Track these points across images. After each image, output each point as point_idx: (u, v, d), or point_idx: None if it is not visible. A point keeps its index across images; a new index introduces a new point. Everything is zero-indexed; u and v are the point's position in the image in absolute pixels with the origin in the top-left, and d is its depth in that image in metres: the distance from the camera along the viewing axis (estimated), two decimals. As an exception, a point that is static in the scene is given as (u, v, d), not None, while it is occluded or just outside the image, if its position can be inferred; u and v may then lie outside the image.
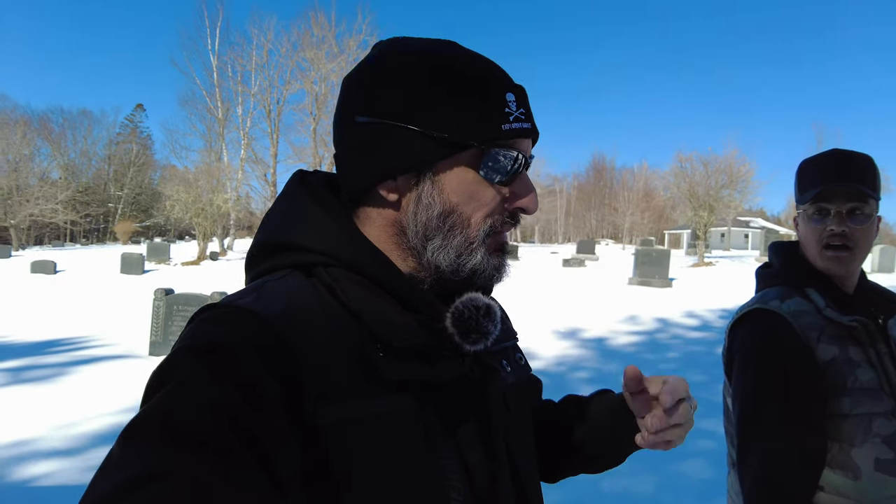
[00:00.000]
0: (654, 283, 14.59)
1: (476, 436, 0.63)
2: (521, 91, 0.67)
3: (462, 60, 0.65)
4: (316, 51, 37.94)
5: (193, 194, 24.25)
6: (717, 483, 3.69)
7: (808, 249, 1.30)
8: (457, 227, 0.65)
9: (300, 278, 0.63)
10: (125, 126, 66.91)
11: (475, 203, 0.65)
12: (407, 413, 0.57)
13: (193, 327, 0.57)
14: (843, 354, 1.18)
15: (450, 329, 0.64)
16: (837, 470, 1.16)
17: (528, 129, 0.66)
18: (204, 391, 0.48)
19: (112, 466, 0.43)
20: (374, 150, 0.64)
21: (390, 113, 0.63)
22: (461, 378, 0.62)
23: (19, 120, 46.92)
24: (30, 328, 8.96)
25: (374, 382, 0.56)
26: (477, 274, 0.66)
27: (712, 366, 6.79)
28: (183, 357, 0.52)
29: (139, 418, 0.47)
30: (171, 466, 0.42)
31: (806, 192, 1.27)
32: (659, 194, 56.86)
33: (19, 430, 4.41)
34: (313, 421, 0.52)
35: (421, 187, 0.65)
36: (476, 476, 0.61)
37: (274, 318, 0.55)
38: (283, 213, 0.69)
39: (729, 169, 23.82)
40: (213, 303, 0.59)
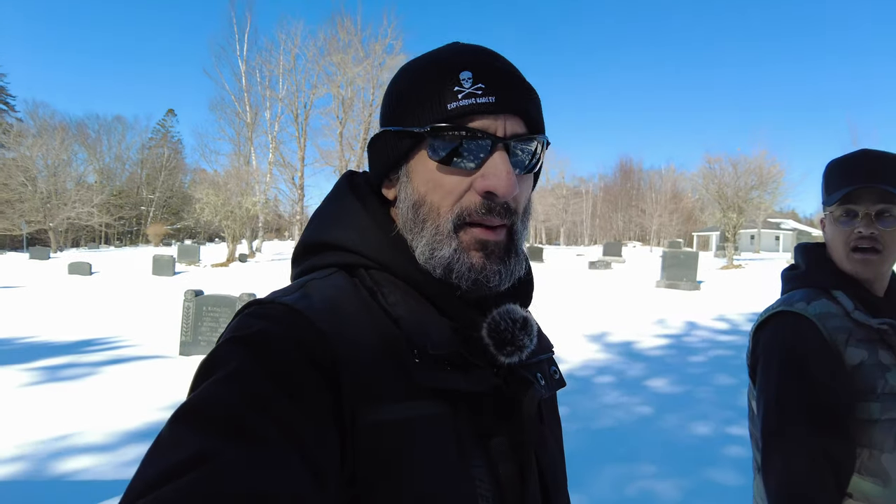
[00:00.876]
0: (681, 285, 14.35)
1: (507, 447, 0.62)
2: (487, 67, 0.63)
3: (432, 56, 0.67)
4: (342, 55, 38.30)
5: (223, 197, 24.66)
6: (745, 489, 3.62)
7: (835, 252, 1.28)
8: (428, 219, 0.64)
9: (343, 279, 0.65)
10: (157, 131, 68.65)
11: (440, 190, 0.63)
12: (441, 419, 0.58)
13: (239, 320, 0.58)
14: (872, 358, 1.16)
15: (485, 339, 0.64)
16: (867, 476, 1.14)
17: (486, 104, 0.60)
18: (249, 382, 0.50)
19: (160, 450, 0.45)
20: (370, 156, 0.70)
21: (382, 123, 0.69)
22: (494, 389, 0.61)
23: (58, 126, 48.50)
24: (67, 328, 9.24)
25: (410, 387, 0.57)
26: (453, 272, 0.62)
27: (741, 370, 6.64)
28: (229, 349, 0.54)
29: (187, 405, 0.49)
30: (216, 452, 0.43)
31: (833, 193, 1.25)
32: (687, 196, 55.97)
33: (59, 426, 4.55)
34: (351, 420, 0.53)
35: (401, 182, 0.67)
36: (506, 488, 0.61)
37: (317, 316, 0.57)
38: (329, 214, 0.72)
39: (759, 170, 23.29)
40: (259, 298, 0.61)
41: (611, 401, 5.50)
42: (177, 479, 0.41)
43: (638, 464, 4.01)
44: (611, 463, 3.96)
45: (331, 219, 0.71)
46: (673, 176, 65.81)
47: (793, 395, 1.17)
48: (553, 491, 0.69)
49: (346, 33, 38.99)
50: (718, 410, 5.22)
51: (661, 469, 3.94)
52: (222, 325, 7.31)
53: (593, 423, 4.81)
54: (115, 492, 3.43)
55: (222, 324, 7.32)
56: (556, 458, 0.74)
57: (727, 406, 5.35)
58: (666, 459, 4.09)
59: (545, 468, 0.68)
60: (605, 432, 4.62)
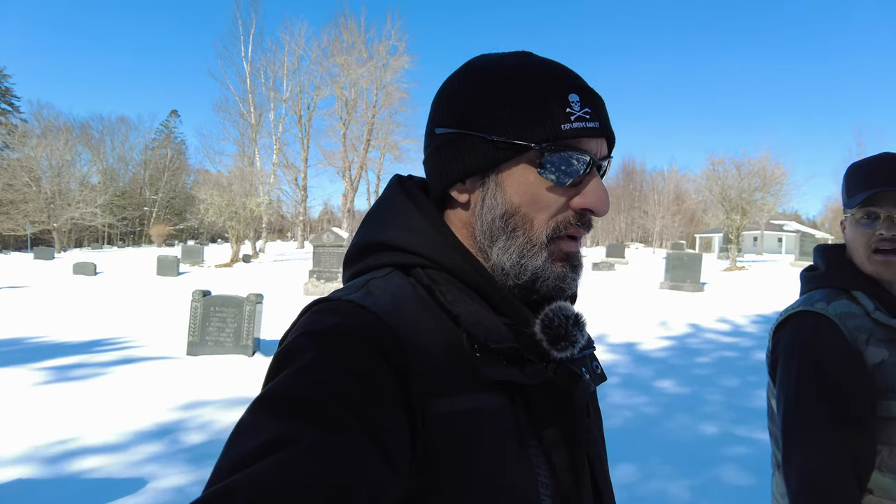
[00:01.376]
0: (685, 287, 14.35)
1: (560, 439, 0.65)
2: (588, 91, 0.67)
3: (527, 66, 0.67)
4: (346, 56, 38.37)
5: (227, 198, 24.71)
6: (753, 489, 3.63)
7: (856, 253, 1.30)
8: (519, 229, 0.66)
9: (401, 278, 0.67)
10: (160, 132, 68.80)
11: (537, 205, 0.66)
12: (501, 410, 0.60)
13: (309, 317, 0.61)
14: (892, 357, 1.17)
15: (538, 335, 0.66)
16: (887, 473, 1.15)
17: (592, 129, 0.65)
18: (326, 373, 0.52)
19: (243, 435, 0.48)
20: (444, 155, 0.69)
21: (458, 122, 0.68)
22: (547, 382, 0.64)
23: (62, 127, 48.70)
24: (73, 328, 9.28)
25: (472, 380, 0.60)
26: (539, 279, 0.67)
27: (746, 371, 6.67)
28: (304, 342, 0.56)
29: (267, 393, 0.51)
30: (298, 436, 0.46)
31: (854, 196, 1.27)
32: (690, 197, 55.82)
33: (69, 426, 4.58)
34: (421, 411, 0.56)
35: (486, 189, 0.68)
36: (561, 477, 0.63)
37: (383, 312, 0.59)
38: (383, 215, 0.73)
39: (762, 172, 23.26)
40: (324, 297, 0.63)
41: (618, 401, 5.52)
42: (262, 460, 0.44)
43: (647, 464, 4.03)
44: (620, 463, 3.98)
45: (385, 220, 0.72)
46: (676, 178, 65.71)
47: (813, 393, 1.18)
48: (601, 480, 0.72)
49: (350, 35, 39.11)
50: (725, 411, 5.24)
51: (670, 469, 3.95)
52: (229, 325, 7.33)
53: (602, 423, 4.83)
54: (126, 491, 3.46)
55: (229, 324, 7.34)
56: (601, 449, 0.77)
57: (733, 407, 5.36)
58: (674, 459, 4.10)
59: (593, 459, 0.71)
60: (612, 432, 4.63)
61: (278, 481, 0.42)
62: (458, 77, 0.71)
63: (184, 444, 4.29)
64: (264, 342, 7.67)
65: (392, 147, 41.64)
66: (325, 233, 15.50)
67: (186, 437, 4.41)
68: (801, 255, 21.95)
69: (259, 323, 7.49)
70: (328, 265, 14.99)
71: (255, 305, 7.36)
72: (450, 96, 0.70)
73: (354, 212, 40.37)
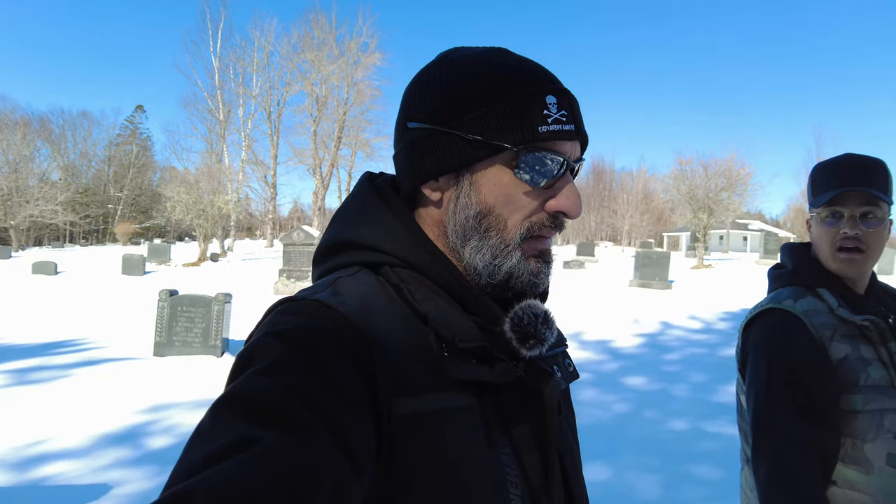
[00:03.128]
0: (654, 284, 14.62)
1: (531, 437, 0.64)
2: (565, 94, 0.67)
3: (505, 66, 0.67)
4: (317, 52, 38.01)
5: (194, 196, 24.22)
6: (723, 483, 3.72)
7: (822, 251, 1.34)
8: (492, 229, 0.66)
9: (369, 276, 0.66)
10: (125, 127, 66.88)
11: (512, 205, 0.66)
12: (470, 409, 0.60)
13: (273, 317, 0.60)
14: (855, 353, 1.21)
15: (508, 334, 0.66)
16: (850, 465, 1.19)
17: (568, 132, 0.65)
18: (288, 373, 0.51)
19: (203, 437, 0.47)
20: (417, 151, 0.68)
21: (434, 118, 0.67)
22: (517, 381, 0.63)
23: (19, 121, 46.79)
24: (34, 329, 8.96)
25: (439, 379, 0.59)
26: (513, 278, 0.67)
27: (714, 367, 6.82)
28: (268, 342, 0.55)
29: (228, 395, 0.50)
30: (258, 437, 0.45)
31: (820, 195, 1.30)
32: (658, 197, 56.93)
33: (30, 431, 4.43)
34: (387, 411, 0.55)
35: (460, 188, 0.67)
36: (531, 475, 0.63)
37: (349, 312, 0.58)
38: (352, 213, 0.72)
39: (728, 172, 23.85)
40: (290, 296, 0.62)
41: (589, 398, 5.59)
42: (220, 463, 0.43)
43: (618, 459, 4.09)
44: (592, 459, 4.03)
45: (354, 218, 0.71)
46: (644, 177, 66.86)
47: (781, 388, 1.22)
48: (573, 478, 0.72)
49: (321, 31, 38.75)
50: (694, 407, 5.35)
51: (641, 464, 4.02)
52: (197, 325, 7.19)
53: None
54: (93, 496, 3.36)
55: (197, 324, 7.19)
56: (573, 447, 0.77)
57: (702, 403, 5.48)
58: (645, 455, 4.17)
59: (565, 456, 0.71)
60: (584, 429, 4.67)
61: (236, 484, 0.41)
62: (433, 71, 0.70)
63: (150, 447, 4.18)
64: (233, 342, 7.54)
65: (363, 144, 41.41)
66: (295, 231, 15.30)
67: (152, 441, 4.31)
68: (766, 253, 22.57)
69: (228, 323, 7.36)
70: (298, 264, 14.80)
71: (224, 305, 7.22)
72: (425, 91, 0.69)
73: (325, 210, 40.04)
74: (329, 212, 41.17)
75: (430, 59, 0.73)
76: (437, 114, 0.67)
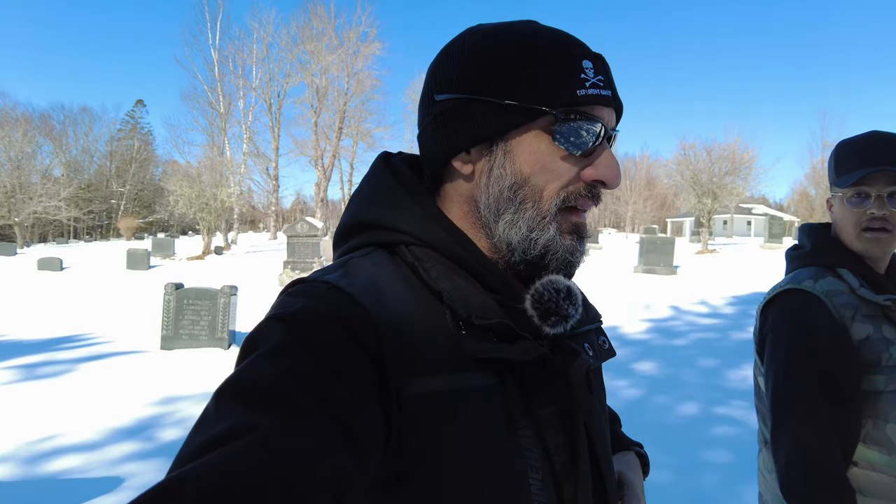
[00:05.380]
0: (659, 270, 14.58)
1: (556, 417, 0.62)
2: (600, 59, 0.64)
3: (535, 32, 0.64)
4: (316, 43, 37.84)
5: (197, 189, 24.20)
6: (736, 467, 3.72)
7: (846, 232, 1.31)
8: (528, 200, 0.63)
9: (383, 256, 0.65)
10: (126, 122, 66.82)
11: (548, 174, 0.63)
12: (488, 389, 0.58)
13: (282, 299, 0.59)
14: (877, 333, 1.19)
15: (529, 311, 0.64)
16: (871, 445, 1.18)
17: (606, 97, 0.63)
18: (291, 357, 0.51)
19: (205, 423, 0.47)
20: (447, 122, 0.65)
21: (464, 87, 0.64)
22: (541, 359, 0.61)
23: (20, 118, 46.75)
24: (41, 325, 9.01)
25: (457, 359, 0.57)
26: (549, 253, 0.64)
27: (723, 351, 6.82)
28: (272, 326, 0.54)
29: (230, 380, 0.50)
30: (258, 423, 0.45)
31: (845, 175, 1.27)
32: (661, 182, 56.75)
33: (41, 426, 4.45)
34: (396, 393, 0.54)
35: (493, 158, 0.64)
36: (556, 457, 0.61)
37: (359, 292, 0.57)
38: (367, 194, 0.71)
39: (732, 156, 23.67)
40: (301, 277, 0.61)
41: (598, 384, 5.58)
42: (217, 449, 0.43)
43: (628, 445, 4.09)
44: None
45: (369, 199, 0.70)
46: (647, 163, 66.67)
47: (802, 369, 1.20)
48: (603, 460, 0.70)
49: (320, 21, 38.55)
50: (705, 392, 5.34)
51: (653, 450, 4.00)
52: (204, 318, 7.21)
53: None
54: (106, 489, 3.38)
55: (204, 317, 7.21)
56: (604, 427, 0.75)
57: (713, 387, 5.47)
58: (656, 441, 4.17)
59: (595, 438, 0.69)
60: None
61: (230, 472, 0.41)
62: (461, 42, 0.67)
63: (160, 440, 4.20)
64: (240, 334, 7.57)
65: (365, 135, 41.30)
66: (298, 222, 15.30)
67: (162, 433, 4.33)
68: (770, 237, 22.48)
69: (234, 315, 7.38)
70: (303, 255, 14.81)
71: (230, 297, 7.24)
72: (453, 61, 0.66)
73: (328, 201, 40.00)
74: (332, 203, 41.19)
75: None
76: (467, 82, 0.64)
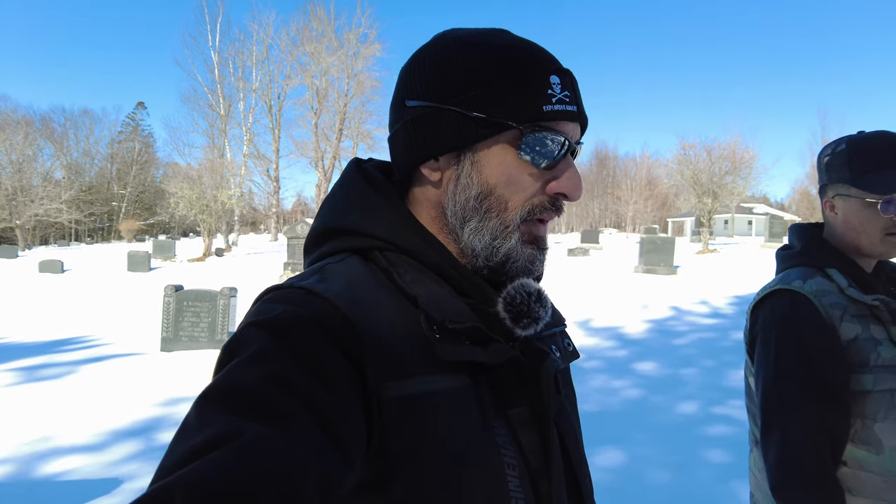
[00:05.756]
0: (659, 270, 14.58)
1: (529, 417, 0.63)
2: (568, 74, 0.66)
3: (506, 44, 0.66)
4: (315, 45, 37.87)
5: (197, 191, 24.24)
6: (733, 466, 3.73)
7: (864, 235, 1.27)
8: (493, 210, 0.65)
9: (358, 262, 0.65)
10: (127, 124, 66.96)
11: (514, 186, 0.65)
12: (463, 391, 0.59)
13: (259, 306, 0.59)
14: (865, 333, 1.20)
15: (501, 314, 0.65)
16: (860, 445, 1.18)
17: (571, 112, 0.65)
18: (271, 363, 0.51)
19: (187, 431, 0.47)
20: (417, 130, 0.66)
21: (434, 96, 0.65)
22: (513, 361, 0.62)
23: (21, 121, 46.90)
24: (42, 327, 9.04)
25: (431, 362, 0.58)
26: (510, 260, 0.67)
27: (723, 351, 6.82)
28: (250, 332, 0.54)
29: (211, 387, 0.50)
30: (242, 430, 0.44)
31: (871, 177, 1.24)
32: (662, 182, 56.73)
33: (42, 427, 4.47)
34: (377, 395, 0.54)
35: (461, 167, 0.66)
36: (529, 455, 0.62)
37: (336, 298, 0.57)
38: (340, 200, 0.72)
39: (732, 155, 23.65)
40: (277, 284, 0.62)
41: (598, 384, 5.60)
42: (203, 457, 0.42)
43: (628, 445, 4.10)
44: (602, 445, 4.04)
45: (342, 204, 0.71)
46: (647, 163, 66.68)
47: (791, 369, 1.20)
48: (575, 458, 0.71)
49: (320, 22, 38.59)
50: (704, 391, 5.35)
51: (651, 449, 4.03)
52: (204, 319, 7.23)
53: (582, 406, 4.89)
54: (104, 490, 3.39)
55: (203, 318, 7.23)
56: (575, 427, 0.76)
57: (712, 387, 5.48)
58: (655, 440, 4.18)
59: (565, 436, 0.70)
60: (594, 415, 4.70)
61: (218, 478, 0.41)
62: (434, 48, 0.68)
63: (159, 442, 4.21)
64: (240, 336, 7.56)
65: (365, 136, 41.31)
66: (298, 224, 15.33)
67: (162, 435, 4.34)
68: (771, 236, 22.47)
69: (234, 317, 7.40)
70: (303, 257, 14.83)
71: (230, 299, 7.26)
72: (425, 68, 0.67)
73: (329, 203, 39.82)
74: (333, 205, 40.92)
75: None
76: (438, 91, 0.65)
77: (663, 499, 3.33)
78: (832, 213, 1.33)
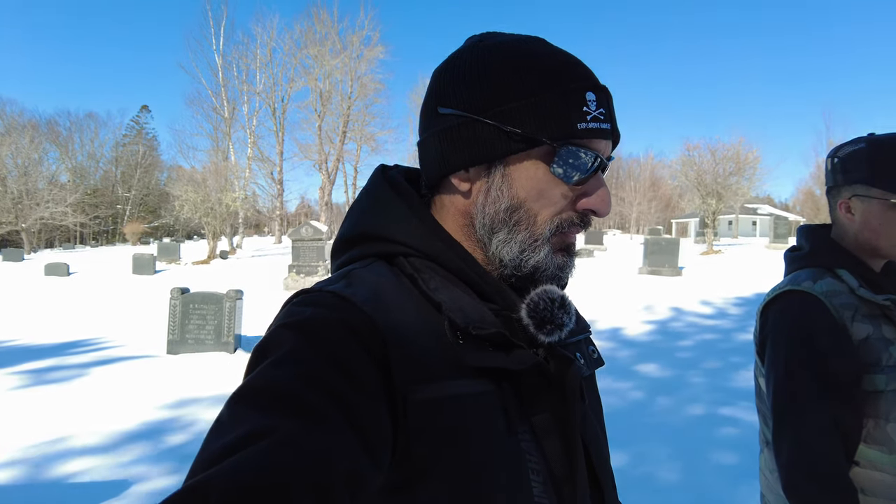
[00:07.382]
0: (664, 271, 14.54)
1: (552, 423, 0.64)
2: (603, 91, 0.66)
3: (544, 57, 0.66)
4: (319, 48, 37.96)
5: (202, 194, 24.29)
6: (741, 468, 3.72)
7: (884, 237, 1.26)
8: (522, 223, 0.66)
9: (383, 267, 0.66)
10: (131, 128, 67.23)
11: (543, 200, 0.66)
12: (487, 396, 0.60)
13: (288, 309, 0.60)
14: (876, 333, 1.20)
15: (525, 320, 0.65)
16: (873, 445, 1.18)
17: (605, 130, 0.65)
18: (303, 363, 0.52)
19: (221, 429, 0.48)
20: (449, 139, 0.66)
21: (468, 106, 0.65)
22: (536, 367, 0.62)
23: (27, 124, 47.26)
24: (49, 330, 9.07)
25: (455, 367, 0.59)
26: (539, 271, 0.67)
27: (727, 353, 6.79)
28: (282, 334, 0.55)
29: (245, 386, 0.51)
30: (275, 427, 0.45)
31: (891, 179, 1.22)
32: (666, 183, 56.59)
33: (52, 429, 4.49)
34: (403, 398, 0.55)
35: (491, 179, 0.66)
36: (553, 462, 0.63)
37: (363, 302, 0.58)
38: (367, 206, 0.72)
39: (736, 156, 23.55)
40: (305, 288, 0.63)
41: (603, 386, 5.58)
42: (237, 453, 0.43)
43: (635, 446, 4.09)
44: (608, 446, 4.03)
45: (368, 210, 0.72)
46: (651, 164, 66.56)
47: (803, 370, 1.20)
48: (598, 466, 0.71)
49: (323, 25, 38.67)
50: (709, 393, 5.33)
51: (658, 451, 4.02)
52: (210, 322, 7.25)
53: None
54: (114, 492, 3.41)
55: (210, 321, 7.25)
56: (599, 434, 0.76)
57: (717, 388, 5.46)
58: (662, 441, 4.18)
59: (590, 444, 0.70)
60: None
61: (254, 473, 0.42)
62: (470, 56, 0.68)
63: (168, 444, 4.23)
64: (246, 338, 7.60)
65: (368, 138, 41.38)
66: (303, 226, 15.33)
67: (170, 437, 4.35)
68: (776, 237, 22.39)
69: (240, 319, 7.41)
70: (307, 259, 14.84)
71: (235, 302, 7.28)
72: (460, 76, 0.67)
73: (332, 205, 40.08)
74: (336, 207, 41.28)
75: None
76: (472, 101, 0.65)
77: (670, 500, 3.33)
78: (848, 215, 1.30)
